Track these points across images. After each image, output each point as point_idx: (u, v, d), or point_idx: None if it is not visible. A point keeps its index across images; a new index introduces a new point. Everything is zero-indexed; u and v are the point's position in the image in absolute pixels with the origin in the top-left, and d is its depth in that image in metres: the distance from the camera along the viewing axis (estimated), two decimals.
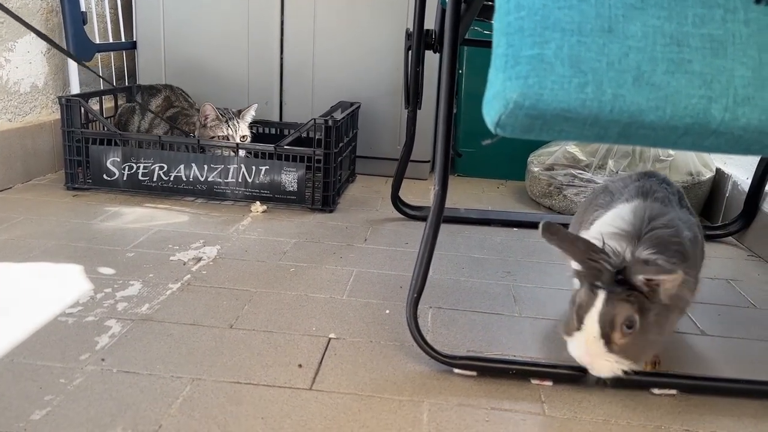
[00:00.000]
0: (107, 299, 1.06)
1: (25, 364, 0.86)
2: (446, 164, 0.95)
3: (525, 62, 0.57)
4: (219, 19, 2.04)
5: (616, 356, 0.79)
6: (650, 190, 0.96)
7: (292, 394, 0.83)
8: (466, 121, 2.11)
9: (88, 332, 0.95)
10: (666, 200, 0.94)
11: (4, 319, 0.98)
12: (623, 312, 0.77)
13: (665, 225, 0.85)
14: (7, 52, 1.68)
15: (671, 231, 0.84)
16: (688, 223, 0.90)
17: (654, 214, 0.87)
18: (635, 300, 0.77)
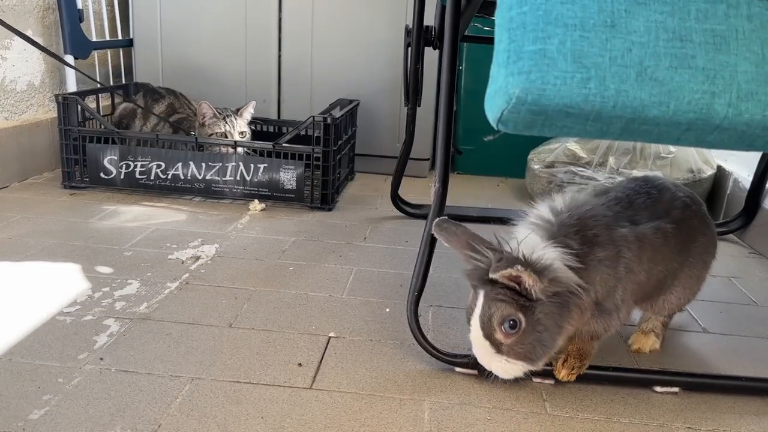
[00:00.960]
0: (105, 298, 1.06)
1: (23, 363, 0.85)
2: (447, 162, 0.94)
3: (527, 57, 0.57)
4: (216, 16, 2.03)
5: (506, 357, 0.77)
6: (610, 190, 0.93)
7: (292, 393, 0.82)
8: (466, 119, 2.11)
9: (86, 331, 0.94)
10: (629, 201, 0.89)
11: (2, 318, 0.97)
12: (500, 312, 0.76)
13: (585, 216, 0.82)
14: (4, 50, 1.67)
15: (586, 222, 0.81)
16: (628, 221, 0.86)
17: (578, 205, 0.84)
18: (512, 299, 0.75)
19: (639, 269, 0.84)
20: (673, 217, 0.89)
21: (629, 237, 0.83)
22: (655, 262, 0.86)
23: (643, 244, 0.84)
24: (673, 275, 0.90)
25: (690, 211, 0.92)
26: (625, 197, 0.90)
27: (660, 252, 0.86)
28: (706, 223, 0.95)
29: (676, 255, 0.89)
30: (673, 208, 0.90)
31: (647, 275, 0.86)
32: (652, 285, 0.89)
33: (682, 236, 0.89)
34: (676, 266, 0.90)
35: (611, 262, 0.80)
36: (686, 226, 0.90)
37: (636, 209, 0.88)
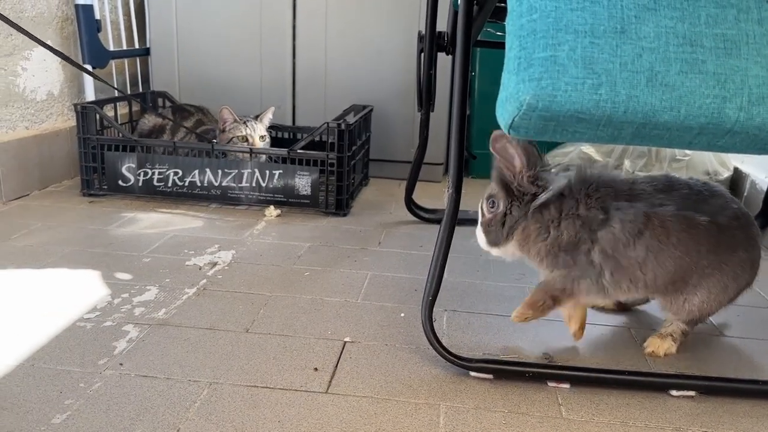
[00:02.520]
0: (124, 304, 1.08)
1: (45, 368, 0.87)
2: (460, 167, 0.95)
3: (538, 64, 0.57)
4: (231, 24, 2.06)
5: (483, 229, 0.96)
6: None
7: (308, 397, 0.83)
8: (480, 123, 2.11)
9: (106, 337, 0.96)
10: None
11: (24, 324, 0.99)
12: (491, 189, 0.95)
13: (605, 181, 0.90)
14: (24, 60, 1.71)
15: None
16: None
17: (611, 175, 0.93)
18: (504, 187, 0.92)
19: (635, 245, 0.86)
20: (713, 217, 0.88)
21: (633, 212, 0.86)
22: (668, 246, 0.86)
23: (651, 222, 0.86)
24: (699, 274, 0.89)
25: (737, 221, 0.91)
26: (668, 186, 0.91)
27: (679, 239, 0.86)
28: (752, 242, 0.93)
29: (706, 253, 0.88)
30: (718, 210, 0.90)
31: (651, 257, 0.87)
32: (665, 274, 0.88)
33: (720, 238, 0.89)
34: (705, 264, 0.89)
35: (590, 220, 0.87)
36: (729, 232, 0.90)
37: (672, 198, 0.89)
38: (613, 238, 0.86)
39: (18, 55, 1.68)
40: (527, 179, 0.89)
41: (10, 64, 1.66)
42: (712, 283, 0.91)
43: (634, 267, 0.88)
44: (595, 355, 0.98)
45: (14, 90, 1.68)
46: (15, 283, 1.14)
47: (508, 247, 0.95)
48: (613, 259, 0.87)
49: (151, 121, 1.91)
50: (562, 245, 0.89)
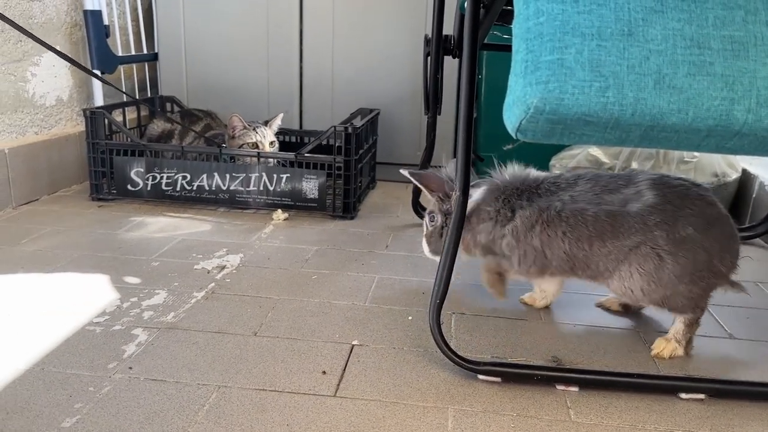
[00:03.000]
0: (133, 308, 1.08)
1: (55, 372, 0.87)
2: (467, 170, 0.95)
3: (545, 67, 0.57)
4: (239, 29, 2.07)
5: (426, 240, 1.15)
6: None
7: (316, 401, 0.83)
8: (487, 125, 2.10)
9: (115, 341, 0.97)
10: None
11: (34, 328, 1.00)
12: (430, 207, 1.14)
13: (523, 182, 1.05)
14: (33, 66, 1.72)
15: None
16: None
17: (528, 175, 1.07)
18: (440, 204, 1.11)
19: (531, 236, 1.01)
20: (622, 206, 0.95)
21: (530, 209, 1.01)
22: (556, 237, 0.99)
23: (541, 217, 0.99)
24: (613, 259, 0.96)
25: (660, 206, 0.94)
26: (573, 182, 1.02)
27: (565, 231, 0.98)
28: (691, 221, 0.93)
29: (609, 239, 0.95)
30: (630, 199, 0.96)
31: (546, 246, 1.00)
32: (566, 260, 0.99)
33: (627, 224, 0.94)
34: (610, 251, 0.96)
35: (496, 217, 1.04)
36: (641, 218, 0.94)
37: (575, 192, 1.00)
38: (515, 232, 1.02)
39: (27, 60, 1.69)
40: (439, 199, 1.11)
41: (19, 70, 1.67)
42: (640, 265, 0.94)
43: (536, 254, 1.01)
44: (604, 358, 0.97)
45: (24, 96, 1.69)
46: (25, 287, 1.15)
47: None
48: (518, 249, 1.02)
49: (160, 126, 1.93)
50: (487, 243, 1.06)
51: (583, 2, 0.57)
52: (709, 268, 0.95)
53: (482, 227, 1.05)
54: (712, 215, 0.95)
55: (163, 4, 2.09)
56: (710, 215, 0.95)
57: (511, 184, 1.05)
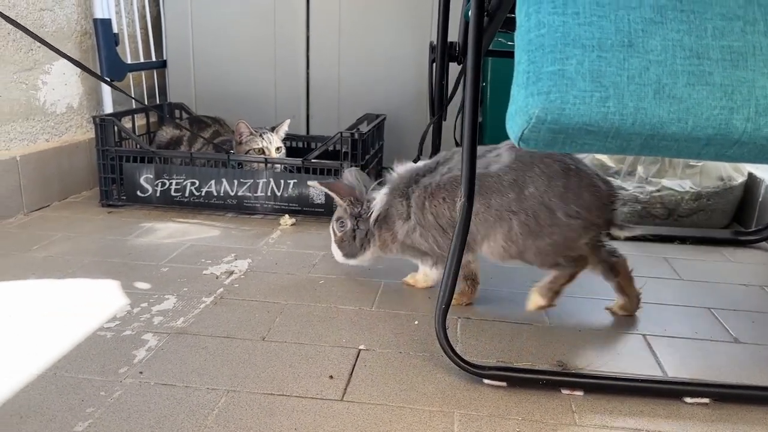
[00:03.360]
0: (143, 313, 1.10)
1: (67, 377, 0.89)
2: (472, 176, 0.96)
3: (546, 78, 0.58)
4: (246, 36, 2.09)
5: (337, 245, 1.22)
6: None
7: (323, 405, 0.84)
8: (492, 130, 2.11)
9: (126, 346, 0.98)
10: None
11: (47, 333, 1.01)
12: (337, 213, 1.22)
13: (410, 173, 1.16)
14: (44, 74, 1.74)
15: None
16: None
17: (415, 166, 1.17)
18: (348, 210, 1.19)
19: (425, 213, 1.10)
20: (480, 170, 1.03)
21: (417, 189, 1.11)
22: (441, 203, 1.08)
23: (426, 192, 1.09)
24: (481, 219, 1.05)
25: (512, 167, 1.03)
26: (450, 156, 1.14)
27: (446, 195, 1.07)
28: (522, 184, 1.02)
29: (480, 198, 1.03)
30: (484, 166, 1.06)
31: (441, 218, 1.08)
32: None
33: (483, 187, 1.04)
34: (478, 210, 1.04)
35: (402, 212, 1.13)
36: (497, 179, 1.03)
37: (451, 164, 1.11)
38: (419, 218, 1.11)
39: (38, 69, 1.72)
40: (350, 204, 1.19)
41: (30, 78, 1.70)
42: (500, 225, 1.04)
43: (437, 231, 1.10)
44: (610, 362, 0.98)
45: (35, 103, 1.72)
46: (36, 293, 1.17)
47: (366, 255, 1.21)
48: (429, 236, 1.11)
49: (169, 133, 1.95)
50: (405, 240, 1.15)
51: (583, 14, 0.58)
52: (554, 223, 1.01)
53: (398, 225, 1.14)
54: (557, 171, 1.02)
55: (172, 12, 2.11)
56: (554, 171, 1.02)
57: (404, 178, 1.15)
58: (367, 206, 1.18)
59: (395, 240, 1.16)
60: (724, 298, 1.22)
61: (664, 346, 1.04)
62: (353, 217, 1.18)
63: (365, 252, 1.20)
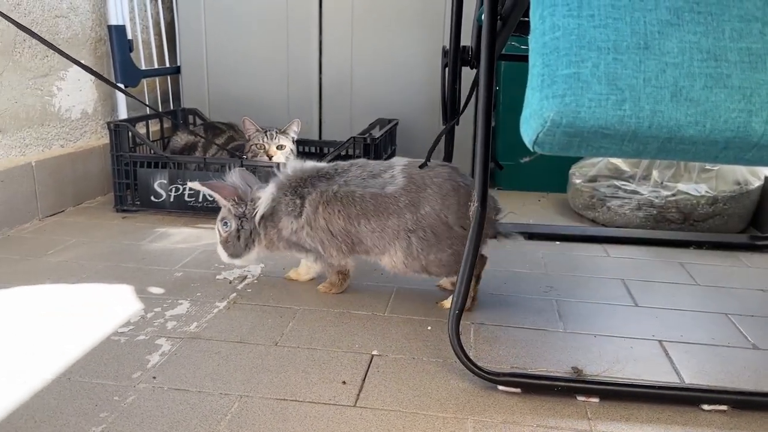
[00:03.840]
0: (157, 318, 1.10)
1: (81, 382, 0.89)
2: (485, 181, 0.95)
3: (561, 81, 0.58)
4: (259, 42, 2.10)
5: (222, 246, 1.21)
6: None
7: (336, 410, 0.84)
8: (506, 134, 2.11)
9: (139, 351, 0.98)
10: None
11: (60, 339, 1.02)
12: (222, 214, 1.21)
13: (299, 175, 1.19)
14: (59, 81, 1.76)
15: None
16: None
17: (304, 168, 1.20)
18: (233, 210, 1.18)
19: (317, 216, 1.13)
20: (381, 189, 1.12)
21: (313, 192, 1.14)
22: (334, 216, 1.13)
23: (322, 199, 1.13)
24: (378, 236, 1.12)
25: (409, 188, 1.11)
26: (347, 168, 1.18)
27: (340, 210, 1.12)
28: (417, 205, 1.10)
29: (373, 217, 1.11)
30: (386, 183, 1.12)
31: (329, 226, 1.13)
32: (347, 238, 1.14)
33: (384, 204, 1.11)
34: (375, 228, 1.11)
35: (292, 209, 1.15)
36: (393, 199, 1.10)
37: (346, 178, 1.15)
38: (309, 219, 1.14)
39: (53, 75, 1.73)
40: (233, 204, 1.18)
41: (46, 85, 1.71)
42: (399, 243, 1.11)
43: (326, 234, 1.14)
44: (625, 368, 0.97)
45: (50, 109, 1.73)
46: (51, 298, 1.18)
47: (251, 254, 1.21)
48: (316, 236, 1.15)
49: (183, 139, 1.96)
50: (290, 237, 1.17)
51: (599, 17, 0.57)
52: (452, 236, 1.10)
53: (283, 223, 1.16)
54: (449, 189, 1.11)
55: (185, 18, 2.13)
56: (446, 190, 1.11)
57: (295, 177, 1.18)
58: (252, 205, 1.18)
59: (281, 237, 1.18)
60: (741, 304, 1.20)
61: (680, 352, 1.02)
62: (237, 218, 1.18)
63: (250, 251, 1.21)
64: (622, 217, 1.72)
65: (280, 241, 1.19)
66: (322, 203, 1.13)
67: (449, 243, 1.10)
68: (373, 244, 1.13)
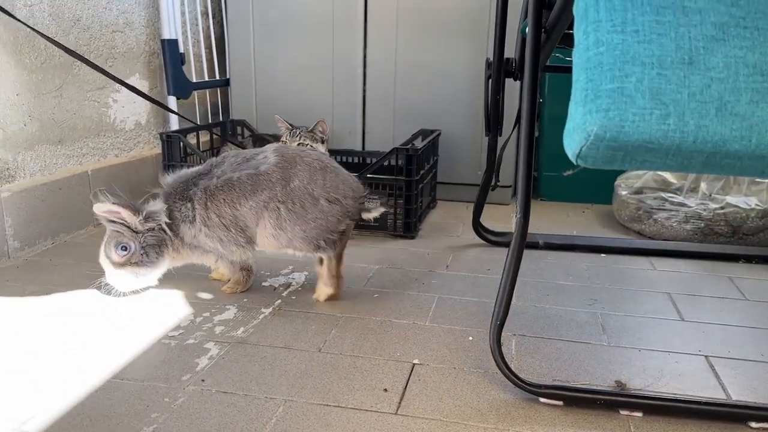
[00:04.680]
0: (206, 323, 1.13)
1: (133, 383, 0.93)
2: (528, 192, 0.96)
3: (605, 96, 0.59)
4: (306, 55, 2.14)
5: (128, 270, 1.19)
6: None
7: (378, 418, 0.85)
8: (549, 145, 2.10)
9: (189, 354, 1.02)
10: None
11: (114, 341, 1.06)
12: (115, 239, 1.19)
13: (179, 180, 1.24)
14: (115, 93, 1.83)
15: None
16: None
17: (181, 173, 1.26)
18: (125, 232, 1.19)
19: (209, 213, 1.18)
20: (255, 169, 1.19)
21: (197, 191, 1.19)
22: (221, 203, 1.18)
23: (206, 193, 1.18)
24: (255, 214, 1.19)
25: (280, 165, 1.19)
26: (222, 160, 1.24)
27: (225, 198, 1.18)
28: (288, 179, 1.19)
29: (248, 197, 1.18)
30: (259, 164, 1.20)
31: (219, 218, 1.19)
32: (236, 222, 1.19)
33: (260, 183, 1.18)
34: (253, 205, 1.18)
35: (186, 214, 1.20)
36: (267, 177, 1.18)
37: (222, 168, 1.21)
38: (203, 220, 1.19)
39: (109, 87, 1.81)
40: (140, 222, 1.18)
41: (102, 97, 1.79)
42: (269, 216, 1.19)
43: (222, 229, 1.19)
44: (670, 383, 0.96)
45: (105, 120, 1.81)
46: (105, 302, 1.23)
47: (162, 267, 1.23)
48: (213, 235, 1.20)
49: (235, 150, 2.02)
50: (192, 243, 1.22)
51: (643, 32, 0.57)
52: (318, 209, 1.19)
53: (184, 228, 1.20)
54: (317, 168, 1.21)
55: (235, 32, 2.19)
56: (314, 168, 1.21)
57: (177, 183, 1.22)
58: (154, 218, 1.20)
59: (183, 243, 1.22)
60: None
61: (728, 368, 1.00)
62: (135, 237, 1.19)
63: (161, 265, 1.23)
64: (668, 230, 1.70)
65: (183, 247, 1.23)
66: (209, 198, 1.19)
67: (314, 216, 1.19)
68: (250, 220, 1.20)
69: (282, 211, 1.18)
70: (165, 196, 1.22)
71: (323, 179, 1.21)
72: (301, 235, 1.20)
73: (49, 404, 0.87)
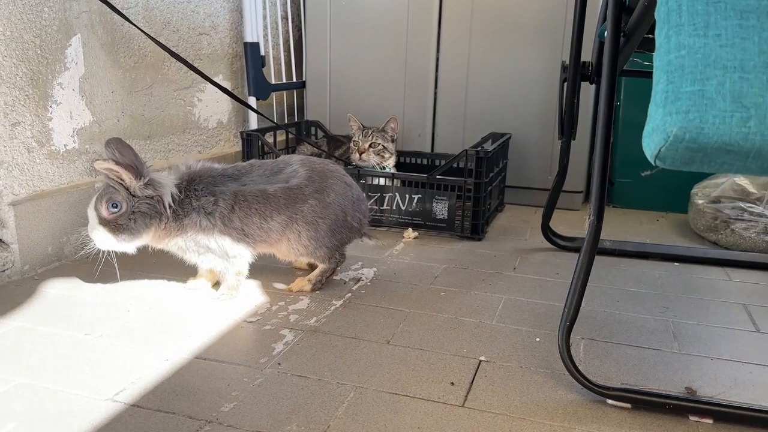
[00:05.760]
0: (281, 311, 1.19)
1: (215, 364, 0.99)
2: (602, 195, 0.96)
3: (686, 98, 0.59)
4: (379, 58, 2.19)
5: (108, 228, 1.14)
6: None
7: (445, 408, 0.88)
8: (623, 151, 2.07)
9: (266, 339, 1.07)
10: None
11: (198, 324, 1.13)
12: (109, 194, 1.13)
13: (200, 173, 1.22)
14: (200, 93, 1.93)
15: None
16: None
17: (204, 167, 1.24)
18: (121, 190, 1.13)
19: (233, 216, 1.18)
20: (286, 182, 1.23)
21: (226, 191, 1.19)
22: (253, 213, 1.19)
23: (238, 198, 1.19)
24: (284, 225, 1.22)
25: (308, 180, 1.24)
26: (249, 169, 1.25)
27: (257, 207, 1.20)
28: (325, 192, 1.25)
29: (283, 209, 1.21)
30: (290, 177, 1.24)
31: (244, 223, 1.19)
32: (262, 232, 1.21)
33: (291, 196, 1.22)
34: (285, 218, 1.22)
35: (207, 204, 1.17)
36: (298, 190, 1.22)
37: (253, 177, 1.23)
38: (223, 217, 1.18)
39: (195, 87, 1.91)
40: (140, 188, 1.14)
41: (188, 96, 1.89)
42: (304, 227, 1.23)
43: (238, 233, 1.20)
44: (743, 393, 0.94)
45: (191, 118, 1.91)
46: (188, 292, 1.30)
47: (142, 239, 1.18)
48: (226, 234, 1.19)
49: (308, 150, 2.08)
50: (196, 234, 1.18)
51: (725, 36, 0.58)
52: (345, 225, 1.27)
53: (191, 219, 1.17)
54: (345, 184, 1.28)
55: (312, 37, 2.26)
56: (343, 184, 1.28)
57: (206, 174, 1.21)
58: (156, 186, 1.15)
59: (182, 233, 1.18)
60: None
61: None
62: (132, 198, 1.14)
63: (143, 237, 1.17)
64: (746, 241, 1.64)
65: (173, 233, 1.18)
66: (237, 203, 1.19)
67: (341, 230, 1.27)
68: (278, 234, 1.22)
69: (322, 226, 1.24)
70: (186, 178, 1.19)
71: (351, 195, 1.29)
72: (329, 246, 1.26)
73: (139, 379, 0.94)
